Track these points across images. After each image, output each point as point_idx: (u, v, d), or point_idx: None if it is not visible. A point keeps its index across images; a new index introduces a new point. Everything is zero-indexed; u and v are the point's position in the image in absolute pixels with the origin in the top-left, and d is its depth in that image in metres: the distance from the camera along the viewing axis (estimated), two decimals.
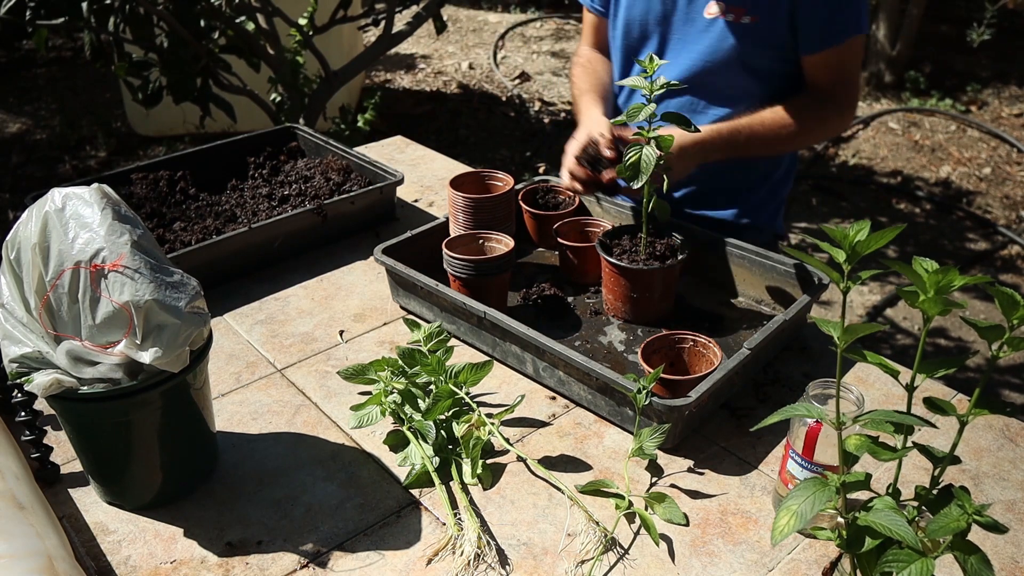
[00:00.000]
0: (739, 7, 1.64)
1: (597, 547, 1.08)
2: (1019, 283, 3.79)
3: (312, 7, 3.58)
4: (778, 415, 0.87)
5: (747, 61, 1.68)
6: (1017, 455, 1.27)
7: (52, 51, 5.83)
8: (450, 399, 1.25)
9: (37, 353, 1.02)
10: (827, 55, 1.66)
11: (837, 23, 1.63)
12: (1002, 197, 4.50)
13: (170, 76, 2.97)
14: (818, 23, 1.63)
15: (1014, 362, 3.24)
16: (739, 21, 1.65)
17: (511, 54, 6.28)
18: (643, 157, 1.39)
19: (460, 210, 1.64)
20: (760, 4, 1.63)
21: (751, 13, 1.64)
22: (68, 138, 4.59)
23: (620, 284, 1.50)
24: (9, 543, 0.91)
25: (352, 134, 4.00)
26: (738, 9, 1.64)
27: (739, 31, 1.65)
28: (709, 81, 1.72)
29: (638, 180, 1.40)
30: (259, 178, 1.91)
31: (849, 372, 1.43)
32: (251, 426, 1.30)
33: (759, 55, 1.68)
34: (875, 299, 3.64)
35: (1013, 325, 0.74)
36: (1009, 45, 6.33)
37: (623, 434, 1.29)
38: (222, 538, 1.11)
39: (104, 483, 1.15)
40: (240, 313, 1.58)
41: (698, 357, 1.35)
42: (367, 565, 1.07)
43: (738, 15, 1.64)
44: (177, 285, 1.04)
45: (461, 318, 1.46)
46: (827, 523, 1.08)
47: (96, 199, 1.03)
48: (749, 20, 1.64)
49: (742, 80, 1.71)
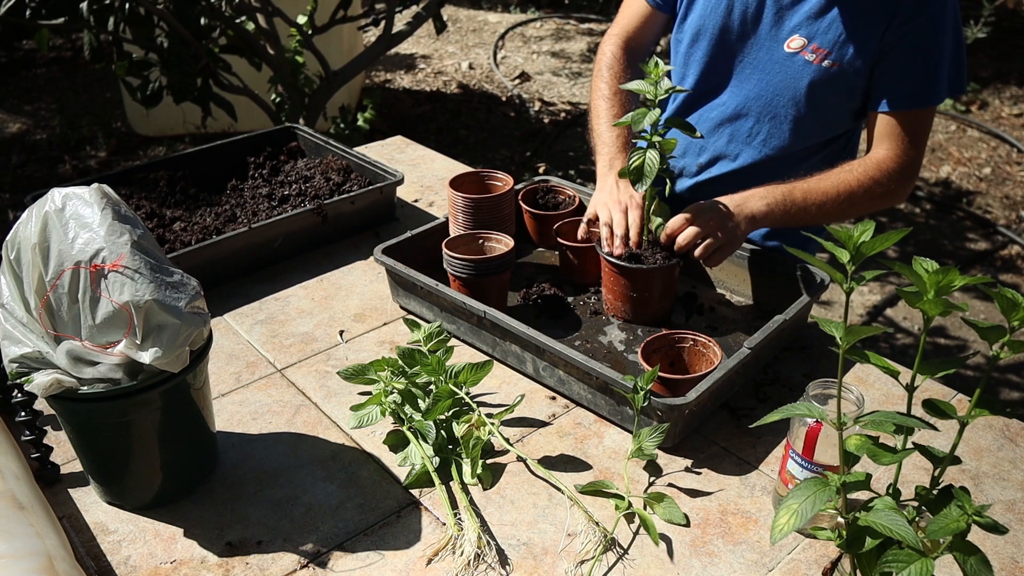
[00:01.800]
0: (824, 48, 1.53)
1: (597, 547, 1.08)
2: (1019, 283, 3.79)
3: (312, 7, 3.58)
4: (778, 413, 0.87)
5: (816, 104, 1.58)
6: (1017, 455, 1.27)
7: (52, 51, 5.82)
8: (450, 399, 1.25)
9: (37, 353, 1.02)
10: (904, 117, 1.53)
11: (927, 84, 1.50)
12: (1002, 197, 4.50)
13: (170, 76, 2.97)
14: (905, 80, 1.50)
15: (1014, 362, 3.24)
16: (819, 63, 1.54)
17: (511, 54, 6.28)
18: (646, 161, 1.39)
19: (460, 210, 1.64)
20: (844, 50, 1.52)
21: (834, 59, 1.53)
22: (68, 138, 4.59)
23: (620, 284, 1.50)
24: (9, 543, 0.91)
25: (352, 134, 4.00)
26: (822, 51, 1.53)
27: (817, 73, 1.55)
28: (770, 113, 1.62)
29: (641, 184, 1.40)
30: (259, 178, 1.91)
31: (849, 372, 1.43)
32: (251, 426, 1.30)
33: (829, 101, 1.58)
34: (875, 299, 3.64)
35: (1014, 327, 0.74)
36: (1009, 44, 6.33)
37: (623, 434, 1.29)
38: (222, 538, 1.11)
39: (104, 483, 1.15)
40: (240, 313, 1.58)
41: (698, 356, 1.35)
42: (367, 565, 1.07)
43: (820, 56, 1.54)
44: (177, 285, 1.04)
45: (461, 318, 1.46)
46: (827, 523, 1.08)
47: (96, 199, 1.03)
48: (830, 64, 1.53)
49: (803, 120, 1.61)
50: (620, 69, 1.76)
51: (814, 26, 1.54)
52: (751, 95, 1.63)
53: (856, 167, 1.56)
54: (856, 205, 1.55)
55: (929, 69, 1.51)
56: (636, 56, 1.80)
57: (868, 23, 1.50)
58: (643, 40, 1.81)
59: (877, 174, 1.55)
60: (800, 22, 1.55)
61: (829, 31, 1.53)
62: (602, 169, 1.64)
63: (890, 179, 1.55)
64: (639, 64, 1.65)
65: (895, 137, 1.55)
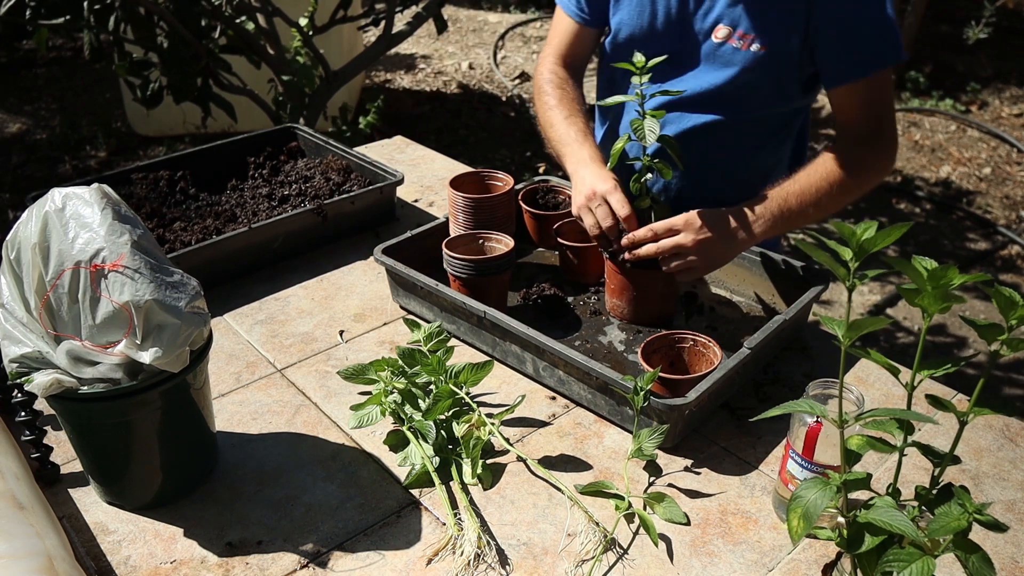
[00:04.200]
0: (749, 33, 1.53)
1: (597, 547, 1.08)
2: (1019, 283, 3.79)
3: (312, 7, 3.58)
4: (779, 409, 0.87)
5: (754, 88, 1.57)
6: (1017, 455, 1.27)
7: (52, 51, 5.82)
8: (450, 399, 1.25)
9: (37, 353, 1.02)
10: (857, 87, 1.51)
11: (867, 51, 1.49)
12: (1002, 197, 4.50)
13: (170, 76, 2.97)
14: (844, 52, 1.49)
15: (1014, 360, 3.24)
16: (747, 48, 1.53)
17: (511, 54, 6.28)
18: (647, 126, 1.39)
19: (460, 210, 1.64)
20: (771, 31, 1.51)
21: (761, 41, 1.52)
22: (68, 138, 4.59)
23: (622, 284, 1.50)
24: (9, 543, 0.91)
25: (352, 134, 4.00)
26: (748, 36, 1.53)
27: (747, 59, 1.54)
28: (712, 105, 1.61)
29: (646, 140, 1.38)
30: (259, 178, 1.91)
31: (849, 372, 1.43)
32: (251, 426, 1.30)
33: (765, 82, 1.56)
34: (875, 299, 3.65)
35: (1012, 326, 0.74)
36: (1009, 45, 6.33)
37: (623, 434, 1.29)
38: (222, 538, 1.11)
39: (104, 483, 1.15)
40: (240, 313, 1.58)
41: (698, 356, 1.35)
42: (367, 565, 1.07)
43: (747, 42, 1.53)
44: (177, 285, 1.04)
45: (461, 318, 1.46)
46: (827, 523, 1.08)
47: (96, 199, 1.03)
48: (759, 48, 1.52)
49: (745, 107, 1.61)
50: (561, 81, 1.73)
51: (735, 12, 1.54)
52: (691, 91, 1.60)
53: (833, 155, 1.53)
54: (848, 190, 1.53)
55: (864, 34, 1.49)
56: (573, 72, 1.78)
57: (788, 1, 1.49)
58: (576, 57, 1.79)
59: (856, 152, 1.53)
60: (722, 11, 1.55)
61: (751, 15, 1.52)
62: (572, 169, 1.60)
63: (868, 152, 1.53)
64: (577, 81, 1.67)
65: (855, 108, 1.54)
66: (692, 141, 1.63)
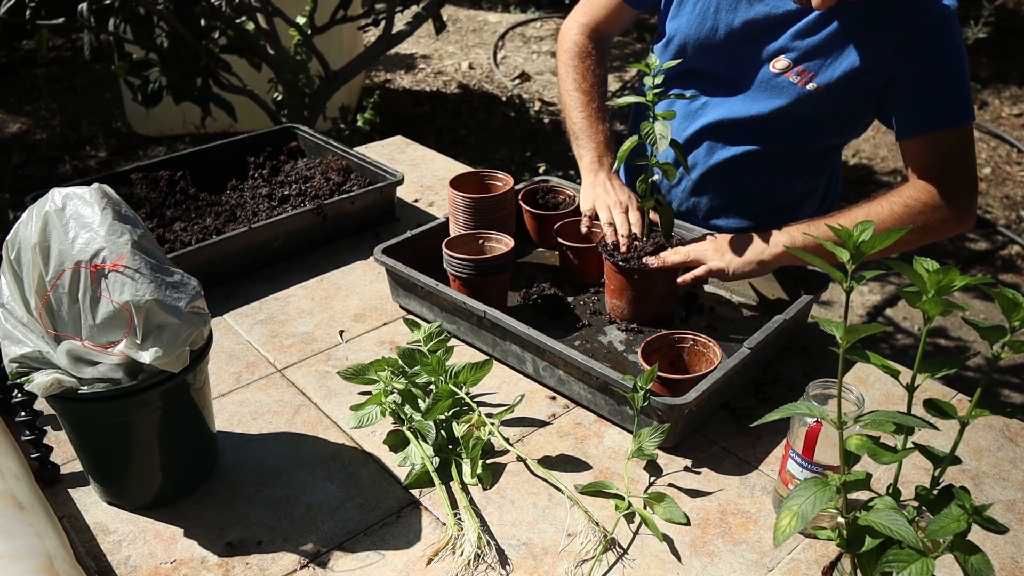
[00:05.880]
0: (809, 71, 1.49)
1: (597, 547, 1.08)
2: (1019, 283, 3.79)
3: (312, 7, 3.58)
4: (779, 413, 0.87)
5: (800, 122, 1.56)
6: (1017, 455, 1.27)
7: (52, 51, 5.82)
8: (450, 399, 1.25)
9: (37, 353, 1.02)
10: (926, 140, 1.46)
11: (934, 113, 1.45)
12: (1002, 197, 4.50)
13: (170, 76, 2.97)
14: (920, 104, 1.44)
15: (1014, 362, 3.24)
16: (804, 85, 1.50)
17: (511, 54, 6.28)
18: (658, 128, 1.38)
19: (460, 210, 1.64)
20: (832, 76, 1.48)
21: (819, 82, 1.49)
22: (68, 138, 4.59)
23: (622, 284, 1.50)
24: (9, 543, 0.91)
25: (352, 134, 4.00)
26: (807, 73, 1.49)
27: (802, 95, 1.51)
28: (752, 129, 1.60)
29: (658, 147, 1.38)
30: (259, 178, 1.91)
31: (849, 372, 1.43)
32: (251, 426, 1.30)
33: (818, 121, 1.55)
34: (875, 299, 3.64)
35: (1014, 327, 0.74)
36: (1008, 45, 6.32)
37: (623, 434, 1.29)
38: (222, 538, 1.11)
39: (104, 483, 1.15)
40: (240, 313, 1.58)
41: (698, 356, 1.35)
42: (367, 565, 1.07)
43: (804, 79, 1.50)
44: (177, 285, 1.04)
45: (461, 318, 1.46)
46: (827, 523, 1.08)
47: (96, 199, 1.03)
48: (815, 88, 1.49)
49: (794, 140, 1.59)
50: (593, 63, 1.73)
51: (800, 46, 1.50)
52: (733, 111, 1.60)
53: (884, 196, 1.48)
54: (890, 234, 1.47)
55: (942, 90, 1.45)
56: (600, 48, 1.76)
57: (861, 47, 1.45)
58: (608, 32, 1.77)
59: (912, 203, 1.46)
60: (787, 43, 1.51)
61: (816, 56, 1.49)
62: (590, 164, 1.65)
63: (923, 209, 1.46)
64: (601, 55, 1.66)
65: (919, 164, 1.48)
66: (733, 165, 1.64)
